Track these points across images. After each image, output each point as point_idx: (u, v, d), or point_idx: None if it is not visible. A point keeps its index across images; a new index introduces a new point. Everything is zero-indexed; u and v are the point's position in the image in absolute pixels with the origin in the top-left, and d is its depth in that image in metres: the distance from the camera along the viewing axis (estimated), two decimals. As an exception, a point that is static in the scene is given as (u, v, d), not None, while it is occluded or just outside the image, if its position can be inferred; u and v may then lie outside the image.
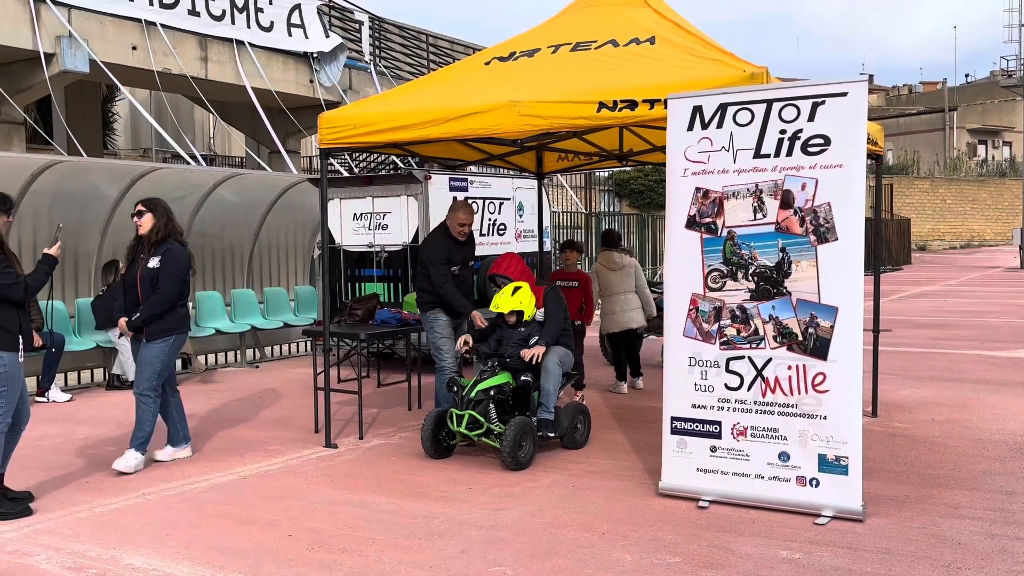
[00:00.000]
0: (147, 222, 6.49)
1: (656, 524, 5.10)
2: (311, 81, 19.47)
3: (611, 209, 32.28)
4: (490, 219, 11.23)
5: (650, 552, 4.67)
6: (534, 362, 6.57)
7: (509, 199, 11.59)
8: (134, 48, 15.75)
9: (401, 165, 18.30)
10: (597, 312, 9.37)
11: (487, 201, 11.20)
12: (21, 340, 5.45)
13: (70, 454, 6.94)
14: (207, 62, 17.16)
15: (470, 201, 10.88)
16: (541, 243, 10.11)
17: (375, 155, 22.21)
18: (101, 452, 6.99)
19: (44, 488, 5.95)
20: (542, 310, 6.92)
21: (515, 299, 6.76)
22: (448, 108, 6.45)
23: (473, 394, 6.42)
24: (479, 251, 10.83)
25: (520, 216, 11.80)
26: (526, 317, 6.82)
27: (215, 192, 11.50)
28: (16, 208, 5.82)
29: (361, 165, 21.02)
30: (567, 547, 4.75)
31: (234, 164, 27.78)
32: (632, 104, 5.68)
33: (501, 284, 6.99)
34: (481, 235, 11.08)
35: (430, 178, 10.27)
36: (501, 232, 11.42)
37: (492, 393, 6.45)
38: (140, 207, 6.52)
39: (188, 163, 16.96)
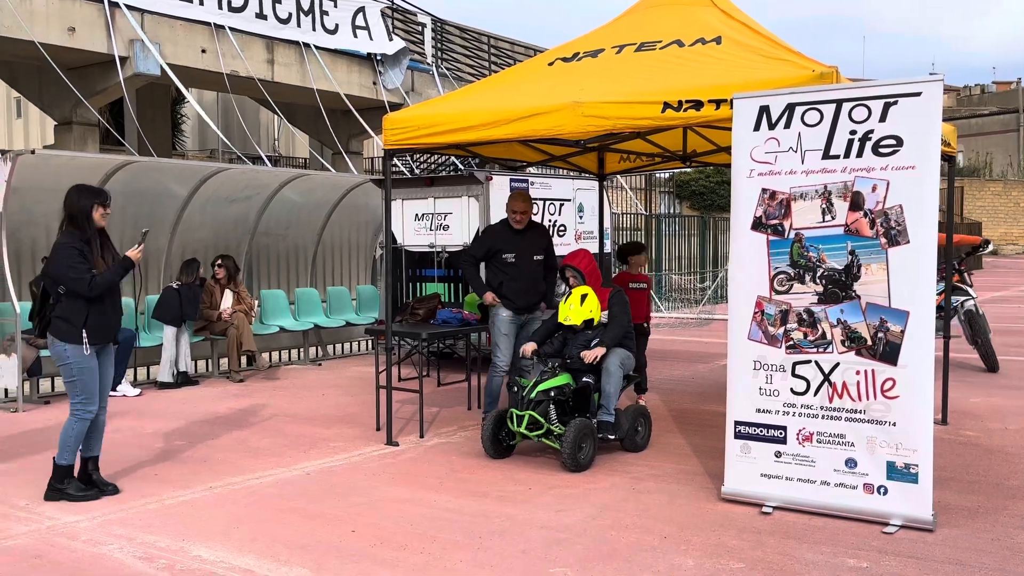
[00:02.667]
0: None
1: (719, 529, 5.04)
2: (374, 83, 19.69)
3: (671, 211, 32.01)
4: (550, 220, 11.22)
5: (713, 557, 4.61)
6: (595, 363, 6.54)
7: (569, 200, 11.56)
8: (203, 51, 16.10)
9: (462, 167, 18.39)
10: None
11: (547, 202, 11.19)
12: (86, 334, 5.56)
13: (140, 447, 7.12)
14: (273, 64, 17.46)
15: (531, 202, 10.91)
16: (601, 244, 10.06)
17: (436, 156, 22.37)
18: (169, 446, 7.16)
19: (116, 479, 6.10)
20: (606, 312, 6.88)
21: (585, 308, 6.74)
22: (511, 109, 6.46)
23: (534, 395, 6.39)
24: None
25: (580, 217, 11.77)
26: (595, 321, 6.80)
27: (280, 192, 11.69)
28: (110, 199, 5.91)
29: (422, 166, 21.19)
30: (628, 550, 4.72)
31: (298, 165, 28.20)
32: (697, 104, 5.62)
33: (571, 277, 6.95)
34: (542, 236, 11.07)
35: (491, 179, 10.30)
36: (561, 233, 11.40)
37: (552, 394, 6.42)
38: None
39: (254, 164, 17.26)
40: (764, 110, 5.31)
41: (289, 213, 12.20)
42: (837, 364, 5.18)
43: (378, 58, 19.65)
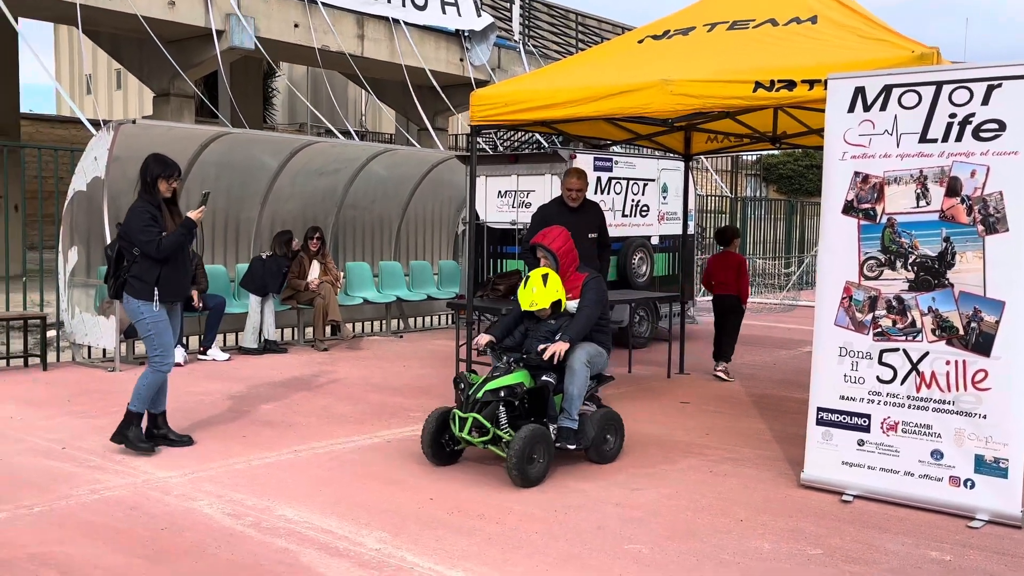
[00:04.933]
0: None
1: (796, 515, 4.99)
2: (461, 60, 19.78)
3: (757, 194, 31.43)
4: (633, 200, 11.16)
5: (790, 542, 4.58)
6: (555, 361, 5.62)
7: (653, 180, 11.47)
8: (296, 25, 16.40)
9: (545, 144, 18.38)
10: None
11: (631, 182, 11.12)
12: (157, 291, 5.87)
13: (229, 409, 7.37)
14: (363, 39, 17.68)
15: (614, 182, 10.87)
16: (685, 226, 9.97)
17: (520, 134, 22.37)
18: (256, 409, 7.39)
19: (206, 439, 6.35)
20: (576, 302, 5.95)
21: (550, 289, 5.79)
22: (598, 86, 6.44)
23: (480, 394, 5.52)
24: (621, 232, 10.84)
25: (664, 198, 11.67)
26: (561, 307, 5.89)
27: (368, 167, 11.87)
28: (179, 173, 6.12)
29: (506, 144, 21.23)
30: (704, 531, 4.72)
31: (384, 140, 28.57)
32: (790, 84, 5.53)
33: (541, 258, 6.08)
34: (623, 216, 11.04)
35: (575, 157, 10.28)
36: (644, 213, 11.33)
37: (502, 394, 5.51)
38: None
39: (342, 138, 17.54)
40: (859, 91, 5.18)
41: (375, 187, 12.39)
42: (926, 353, 5.05)
43: (465, 34, 19.73)
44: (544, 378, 5.70)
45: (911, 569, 4.25)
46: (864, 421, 5.25)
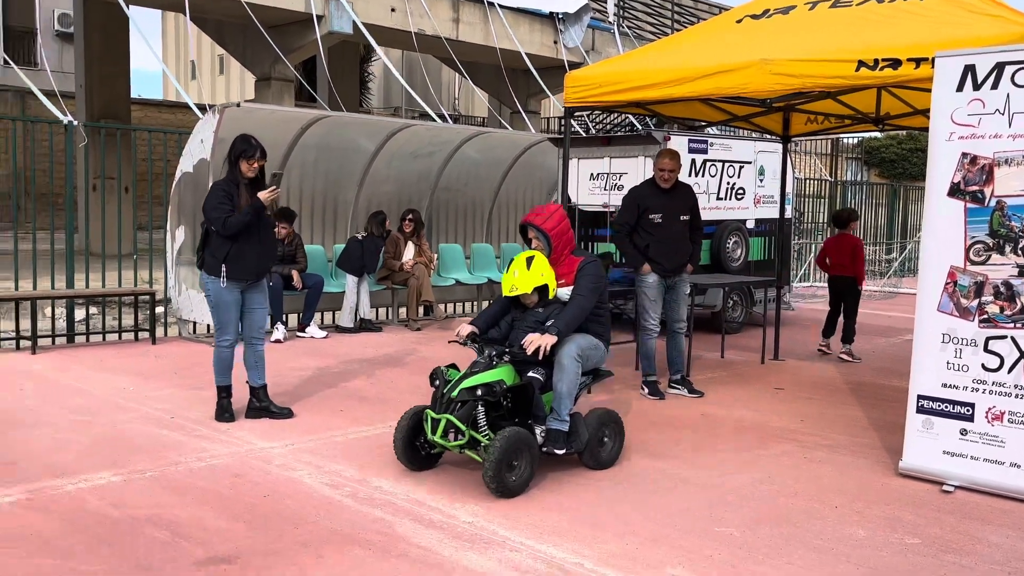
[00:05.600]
0: None
1: (894, 503, 4.89)
2: (555, 42, 19.73)
3: (858, 178, 30.52)
4: (728, 183, 10.99)
5: (886, 530, 4.49)
6: (540, 355, 5.03)
7: (750, 163, 11.27)
8: (392, 10, 16.61)
9: (639, 126, 18.22)
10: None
11: (726, 164, 10.95)
12: (225, 269, 6.01)
13: (326, 384, 7.59)
14: (458, 23, 17.81)
15: (709, 164, 10.72)
16: (783, 210, 9.78)
17: (612, 116, 22.21)
18: (352, 385, 7.59)
19: (305, 412, 6.56)
20: (568, 289, 5.32)
21: (533, 273, 5.17)
22: (695, 67, 6.37)
23: (456, 393, 4.92)
24: (715, 215, 10.71)
25: (760, 181, 11.46)
26: (549, 295, 5.26)
27: (461, 149, 11.99)
28: (262, 155, 6.17)
29: (599, 127, 21.13)
30: (796, 516, 4.66)
31: (476, 124, 28.73)
32: (895, 63, 5.37)
33: (532, 239, 5.43)
34: (718, 199, 10.89)
35: (669, 139, 10.18)
36: (739, 196, 11.15)
37: (479, 393, 4.89)
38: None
39: (436, 122, 17.74)
40: (969, 69, 5.00)
41: (468, 170, 12.51)
42: (1036, 341, 4.87)
43: (559, 16, 19.66)
44: (530, 374, 5.11)
45: (1015, 562, 4.12)
46: (967, 410, 5.09)
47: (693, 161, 10.44)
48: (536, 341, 4.99)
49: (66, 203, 9.48)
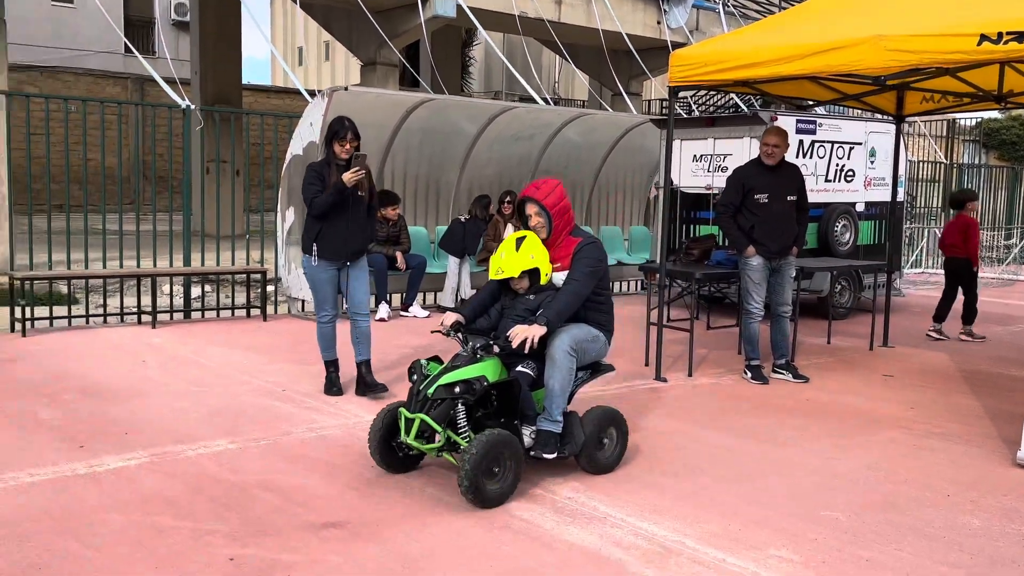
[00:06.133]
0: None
1: (1011, 494, 4.71)
2: (658, 23, 19.50)
3: (975, 161, 29.23)
4: (837, 164, 10.69)
5: (1003, 520, 4.34)
6: (527, 348, 4.52)
7: (860, 144, 10.93)
8: (495, -7, 16.71)
9: (744, 107, 17.86)
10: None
11: (835, 145, 10.65)
12: (316, 247, 6.15)
13: (429, 362, 7.72)
14: (561, 5, 17.78)
15: (817, 145, 10.45)
16: (895, 193, 9.46)
17: (715, 98, 21.83)
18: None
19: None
20: (564, 274, 4.78)
21: (523, 254, 4.66)
22: (804, 44, 6.22)
23: (431, 390, 4.46)
24: (823, 197, 10.43)
25: (871, 163, 11.10)
26: (541, 280, 4.74)
27: (562, 132, 12.00)
28: (353, 136, 6.18)
29: (701, 107, 20.79)
30: (906, 504, 4.55)
31: (576, 106, 28.64)
32: (1021, 36, 5.13)
33: (532, 215, 4.79)
34: (826, 181, 10.60)
35: (776, 119, 9.96)
36: (849, 179, 10.83)
37: (457, 390, 4.43)
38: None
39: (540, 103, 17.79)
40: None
41: (568, 153, 12.50)
42: None
43: (663, -3, 19.41)
44: (519, 369, 4.64)
45: None
46: (1093, 400, 4.86)
47: (801, 142, 10.18)
48: (522, 333, 4.48)
49: (184, 185, 9.89)
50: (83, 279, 9.35)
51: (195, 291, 10.57)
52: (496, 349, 4.60)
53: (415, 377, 4.60)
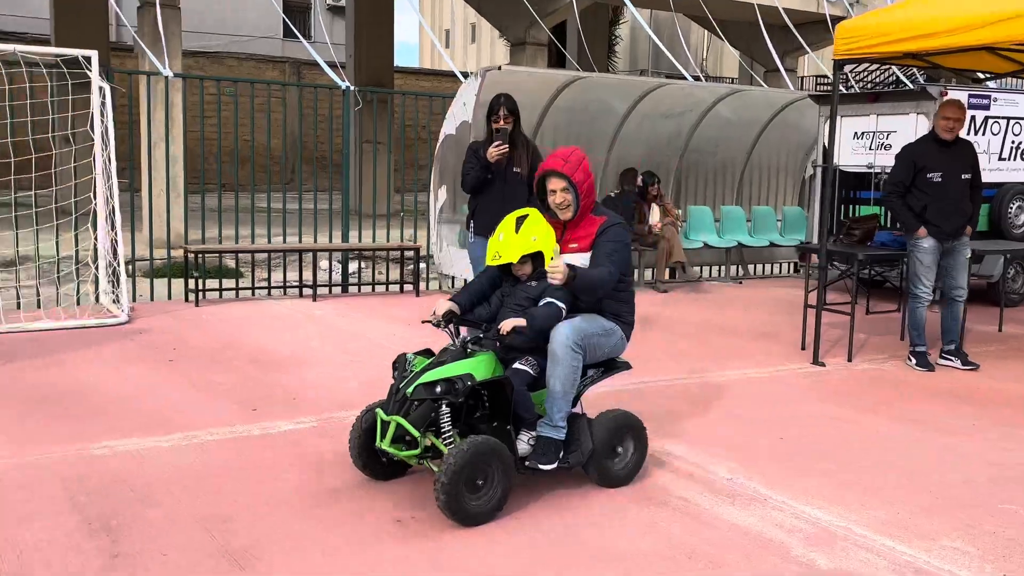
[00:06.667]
0: None
1: None
2: (815, -4, 18.78)
3: None
4: (1013, 142, 10.04)
5: None
6: (513, 339, 4.03)
7: (1039, 119, 10.23)
8: (646, -30, 16.49)
9: (907, 82, 17.01)
10: None
11: (1011, 121, 10.01)
12: (472, 224, 6.26)
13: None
14: (714, -21, 17.39)
15: (991, 121, 9.86)
16: (1077, 171, 8.83)
17: (875, 73, 20.87)
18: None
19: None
20: (577, 256, 4.23)
21: (523, 236, 4.13)
22: (983, 13, 5.87)
23: (411, 389, 3.92)
24: (997, 177, 9.83)
25: (1051, 140, 10.38)
26: (546, 264, 4.11)
27: (714, 109, 11.75)
28: (503, 112, 6.18)
29: (861, 83, 19.91)
30: (1093, 501, 4.27)
31: (725, 84, 28.00)
32: None
33: (555, 191, 4.23)
34: (1000, 159, 10.00)
35: (946, 94, 9.44)
36: (1025, 157, 10.17)
37: (439, 390, 3.88)
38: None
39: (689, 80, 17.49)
40: None
41: (720, 131, 12.24)
42: None
43: (820, -31, 18.66)
44: (516, 366, 4.10)
45: None
46: None
47: (973, 118, 9.62)
48: (511, 324, 4.00)
49: (344, 164, 10.26)
50: (250, 253, 9.87)
51: (351, 267, 10.97)
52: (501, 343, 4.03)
53: (395, 373, 4.08)
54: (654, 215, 10.96)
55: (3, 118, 7.98)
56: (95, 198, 8.08)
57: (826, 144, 8.56)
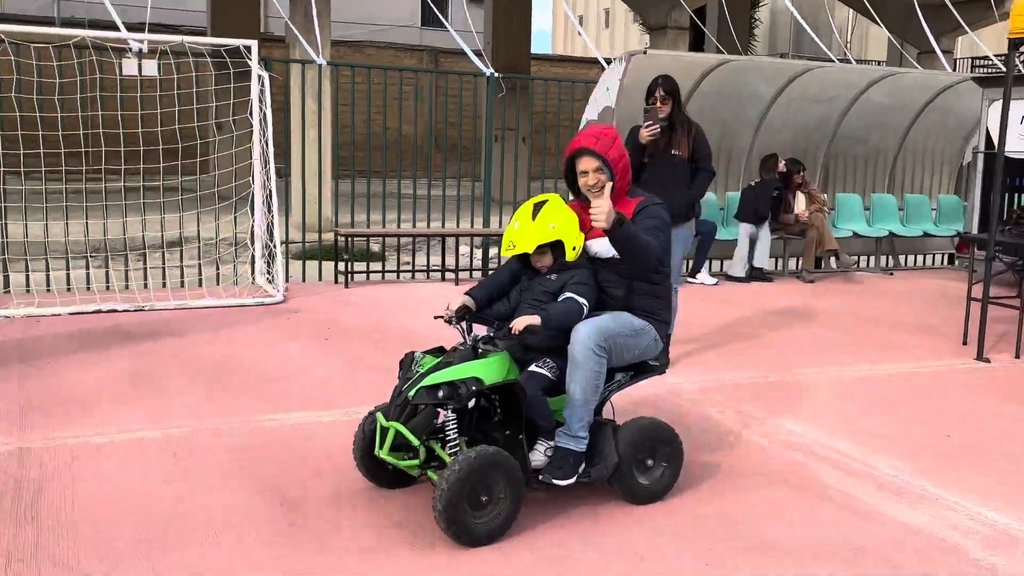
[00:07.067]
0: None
1: None
2: (977, -28, 17.78)
3: None
4: None
5: None
6: (528, 339, 3.68)
7: None
8: (792, -50, 15.96)
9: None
10: None
11: None
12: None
13: (719, 329, 7.62)
14: (865, -42, 16.69)
15: None
16: None
17: (1040, 54, 19.56)
18: (750, 332, 7.56)
19: (708, 353, 6.66)
20: (607, 243, 3.74)
21: (541, 223, 3.72)
22: None
23: (412, 393, 3.56)
24: None
25: None
26: (567, 254, 3.77)
27: (865, 93, 11.29)
28: (655, 93, 6.05)
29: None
30: None
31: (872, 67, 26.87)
32: None
33: (587, 172, 3.82)
34: None
35: None
36: None
37: (440, 395, 3.51)
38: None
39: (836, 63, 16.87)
40: None
41: (871, 116, 11.74)
42: None
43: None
44: (532, 369, 3.71)
45: None
46: None
47: None
48: (524, 322, 3.62)
49: (486, 150, 10.37)
50: (396, 237, 10.13)
51: (491, 251, 11.10)
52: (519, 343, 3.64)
53: (402, 373, 3.72)
54: (799, 203, 10.65)
55: (171, 106, 8.44)
56: (253, 183, 8.45)
57: (989, 129, 8.10)
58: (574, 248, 3.74)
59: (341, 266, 9.22)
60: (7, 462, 4.13)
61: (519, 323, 3.59)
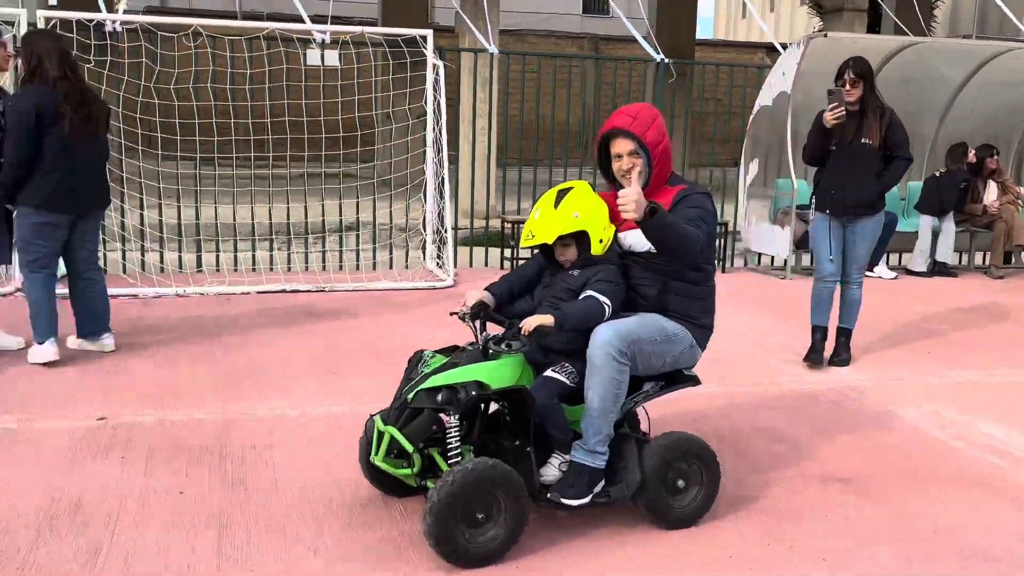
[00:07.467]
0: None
1: None
2: None
3: None
4: None
5: None
6: (539, 338, 3.34)
7: None
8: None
9: None
10: None
11: None
12: (814, 198, 5.95)
13: (901, 324, 7.25)
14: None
15: None
16: None
17: None
18: (932, 328, 7.18)
19: (891, 350, 6.38)
20: (640, 235, 3.36)
21: (563, 212, 3.36)
22: None
23: (412, 396, 3.27)
24: None
25: None
26: (593, 248, 3.41)
27: (1070, 77, 10.47)
28: (846, 75, 5.72)
29: None
30: None
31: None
32: None
33: (621, 155, 3.42)
34: None
35: None
36: None
37: (440, 399, 3.21)
38: None
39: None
40: None
41: (1075, 100, 10.88)
42: None
43: None
44: (548, 374, 3.36)
45: None
46: None
47: None
48: (536, 321, 3.26)
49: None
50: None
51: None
52: (516, 344, 3.28)
53: (407, 373, 3.44)
54: (990, 193, 10.01)
55: (350, 95, 8.78)
56: (426, 169, 8.69)
57: None
58: (601, 241, 3.40)
59: (507, 252, 9.35)
60: (213, 431, 4.43)
61: (530, 323, 3.24)
